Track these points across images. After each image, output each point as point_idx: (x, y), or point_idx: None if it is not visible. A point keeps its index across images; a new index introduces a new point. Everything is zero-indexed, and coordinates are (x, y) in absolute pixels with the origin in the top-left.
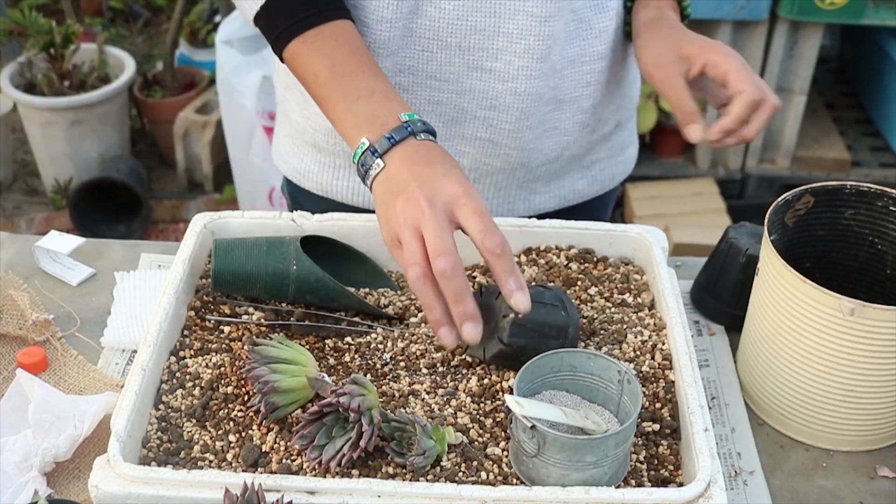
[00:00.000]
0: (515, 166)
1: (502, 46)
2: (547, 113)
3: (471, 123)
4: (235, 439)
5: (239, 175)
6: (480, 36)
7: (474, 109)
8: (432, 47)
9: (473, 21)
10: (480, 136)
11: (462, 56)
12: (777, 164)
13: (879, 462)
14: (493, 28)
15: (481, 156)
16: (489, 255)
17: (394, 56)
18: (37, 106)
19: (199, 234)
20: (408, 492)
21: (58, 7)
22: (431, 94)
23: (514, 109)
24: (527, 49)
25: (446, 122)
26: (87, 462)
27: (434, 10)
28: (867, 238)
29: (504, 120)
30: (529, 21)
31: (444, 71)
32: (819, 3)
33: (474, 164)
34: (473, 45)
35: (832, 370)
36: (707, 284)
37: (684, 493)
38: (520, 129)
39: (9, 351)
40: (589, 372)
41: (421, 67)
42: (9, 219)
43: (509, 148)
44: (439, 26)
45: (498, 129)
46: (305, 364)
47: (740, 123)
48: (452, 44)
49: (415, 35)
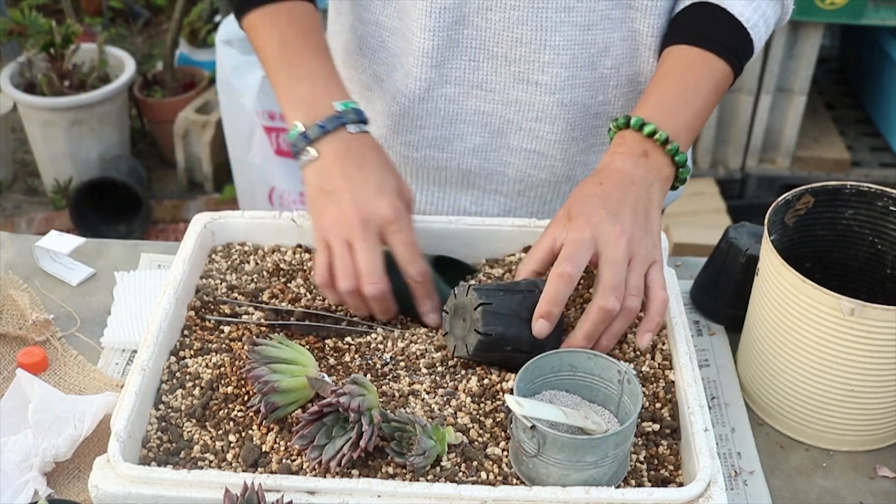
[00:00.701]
0: (561, 179)
1: (549, 59)
2: (596, 127)
3: (516, 134)
4: (235, 439)
5: (239, 175)
6: (527, 49)
7: (520, 121)
8: (479, 57)
9: (519, 33)
10: (526, 147)
11: (508, 68)
12: (777, 164)
13: (879, 462)
14: (539, 41)
15: (527, 167)
16: (411, 281)
17: (440, 67)
18: (37, 106)
19: (199, 234)
20: (408, 492)
21: (58, 7)
22: (478, 104)
23: (560, 121)
24: (573, 59)
25: (492, 132)
26: (87, 462)
27: (481, 21)
28: (867, 238)
29: (550, 131)
30: (574, 31)
31: (491, 81)
32: (819, 3)
33: (520, 176)
34: (520, 58)
35: (832, 370)
36: (707, 284)
37: (684, 493)
38: (566, 140)
39: (9, 351)
40: (589, 372)
41: (467, 77)
42: (9, 219)
43: (555, 160)
44: (486, 36)
45: (544, 141)
46: (305, 364)
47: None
48: (499, 54)
49: (461, 45)
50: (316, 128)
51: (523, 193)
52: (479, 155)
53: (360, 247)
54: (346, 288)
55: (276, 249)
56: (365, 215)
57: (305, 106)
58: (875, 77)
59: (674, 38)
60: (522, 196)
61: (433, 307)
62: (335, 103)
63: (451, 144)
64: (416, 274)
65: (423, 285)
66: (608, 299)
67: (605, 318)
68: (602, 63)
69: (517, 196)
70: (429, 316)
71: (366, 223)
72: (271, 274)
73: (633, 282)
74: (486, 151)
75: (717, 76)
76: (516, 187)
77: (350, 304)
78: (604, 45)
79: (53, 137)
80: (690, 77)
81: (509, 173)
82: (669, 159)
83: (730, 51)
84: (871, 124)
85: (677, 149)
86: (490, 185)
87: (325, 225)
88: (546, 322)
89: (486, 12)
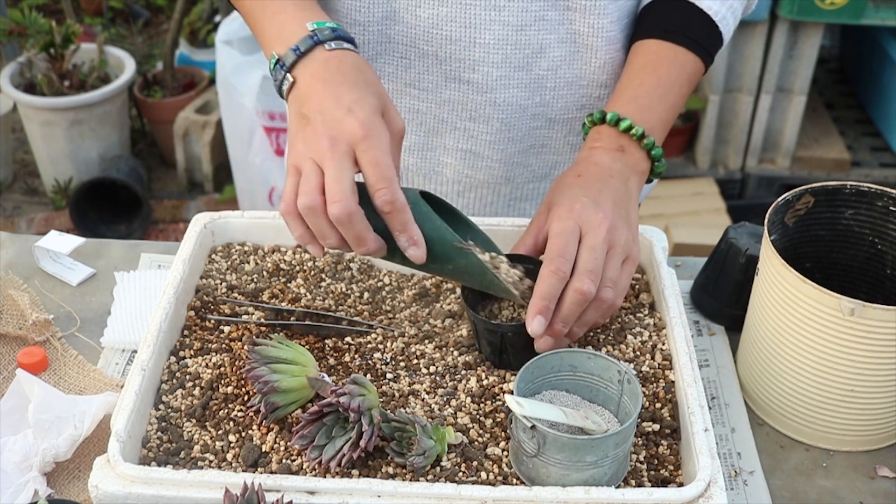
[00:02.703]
0: (500, 181)
1: (479, 57)
2: (534, 129)
3: (451, 134)
4: (235, 439)
5: (239, 175)
6: (456, 47)
7: (454, 120)
8: (410, 55)
9: (448, 31)
10: (462, 147)
11: (440, 66)
12: (777, 164)
13: (879, 462)
14: (469, 39)
15: (463, 167)
16: (380, 211)
17: (372, 62)
18: (37, 106)
19: (199, 234)
20: (408, 492)
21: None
22: (412, 102)
23: (494, 120)
24: (504, 59)
25: (427, 131)
26: (87, 462)
27: (410, 18)
28: (867, 238)
29: (485, 131)
30: (505, 31)
31: (423, 80)
32: (819, 3)
33: (457, 176)
34: (450, 56)
35: (832, 370)
36: (707, 284)
37: (684, 493)
38: (501, 140)
39: (9, 351)
40: (589, 372)
41: (400, 75)
42: (9, 219)
43: (491, 160)
44: (416, 34)
45: (479, 141)
46: (305, 364)
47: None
48: (429, 52)
49: (393, 41)
50: (290, 53)
51: (462, 194)
52: (415, 154)
53: (327, 166)
54: (306, 204)
55: (276, 249)
56: (333, 133)
57: (279, 36)
58: (875, 77)
59: (643, 32)
60: (462, 197)
61: (410, 241)
62: (308, 24)
63: None
64: (382, 203)
65: (394, 215)
66: (584, 282)
67: (581, 301)
68: (538, 64)
69: (456, 197)
70: (409, 251)
71: (334, 141)
72: (271, 274)
73: (609, 273)
74: (422, 151)
75: (688, 69)
76: (455, 188)
77: (315, 229)
78: (539, 47)
79: (53, 137)
80: (663, 72)
81: (447, 174)
82: (646, 154)
83: (700, 45)
84: (871, 124)
85: (653, 143)
86: (429, 185)
87: (297, 149)
88: (542, 319)
89: (414, 9)
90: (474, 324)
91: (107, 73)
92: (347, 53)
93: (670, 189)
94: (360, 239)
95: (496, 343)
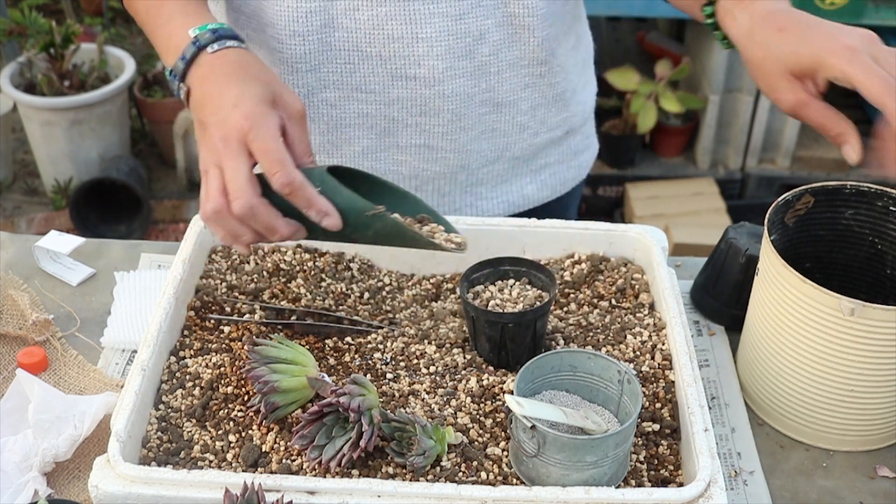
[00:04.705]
0: (455, 170)
1: (423, 52)
2: (483, 115)
3: (403, 132)
4: (235, 439)
5: None
6: (399, 44)
7: (405, 118)
8: (353, 59)
9: (390, 30)
10: (415, 142)
11: (384, 66)
12: (777, 164)
13: (879, 462)
14: (411, 35)
15: (419, 162)
16: (281, 193)
17: (316, 71)
18: (37, 106)
19: (199, 234)
20: (408, 492)
21: (58, 7)
22: (360, 106)
23: (445, 112)
24: (448, 50)
25: (379, 133)
26: (87, 462)
27: (349, 22)
28: (867, 238)
29: (437, 124)
30: (445, 21)
31: (369, 82)
32: (819, 4)
33: (413, 172)
34: (394, 55)
35: (832, 370)
36: (707, 284)
37: (684, 493)
38: (454, 131)
39: (9, 351)
40: (589, 372)
41: (345, 81)
42: (9, 219)
43: (446, 151)
44: (357, 37)
45: (432, 134)
46: (305, 364)
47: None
48: (372, 54)
49: (334, 49)
50: (179, 62)
51: (420, 188)
52: (369, 157)
53: (225, 165)
54: (212, 208)
55: (276, 249)
56: (223, 132)
57: (168, 47)
58: None
59: None
60: (419, 191)
61: (319, 213)
62: (190, 31)
63: (338, 149)
64: (280, 185)
65: (295, 194)
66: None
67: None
68: (479, 51)
69: (414, 191)
70: (324, 221)
71: (226, 140)
72: (271, 274)
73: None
74: (375, 153)
75: None
76: (412, 183)
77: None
78: (479, 33)
79: (53, 137)
80: None
81: (403, 171)
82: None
83: None
84: (871, 124)
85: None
86: None
87: (202, 156)
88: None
89: (353, 13)
90: (472, 319)
91: (107, 73)
92: (228, 52)
93: (670, 189)
94: (270, 228)
95: (495, 337)
